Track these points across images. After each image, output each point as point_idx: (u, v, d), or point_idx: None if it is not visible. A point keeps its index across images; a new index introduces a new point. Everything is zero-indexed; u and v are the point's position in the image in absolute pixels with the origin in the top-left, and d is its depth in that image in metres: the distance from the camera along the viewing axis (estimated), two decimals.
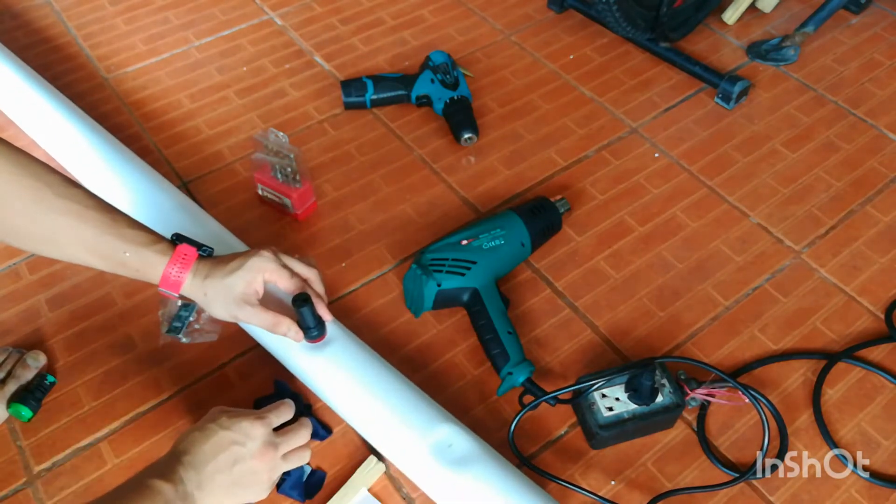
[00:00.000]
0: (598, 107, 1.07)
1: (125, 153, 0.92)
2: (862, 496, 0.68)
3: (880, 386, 0.76)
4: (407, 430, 0.67)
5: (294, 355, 0.72)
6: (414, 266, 0.80)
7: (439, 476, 0.64)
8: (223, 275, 0.66)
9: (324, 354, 0.71)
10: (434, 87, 1.03)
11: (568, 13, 1.22)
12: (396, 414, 0.67)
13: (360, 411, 0.69)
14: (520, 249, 0.83)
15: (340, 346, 0.72)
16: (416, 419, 0.67)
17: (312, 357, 0.71)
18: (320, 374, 0.71)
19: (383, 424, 0.68)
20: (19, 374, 0.74)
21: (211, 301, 0.67)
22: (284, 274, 0.68)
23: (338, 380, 0.70)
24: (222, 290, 0.66)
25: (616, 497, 0.68)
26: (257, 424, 0.62)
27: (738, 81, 1.03)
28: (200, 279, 0.67)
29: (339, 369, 0.71)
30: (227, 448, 0.60)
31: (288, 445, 0.65)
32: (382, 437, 0.68)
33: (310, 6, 1.25)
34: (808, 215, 0.92)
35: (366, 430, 0.70)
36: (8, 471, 0.71)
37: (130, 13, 1.23)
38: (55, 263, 0.87)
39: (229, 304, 0.67)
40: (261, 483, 0.62)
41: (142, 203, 0.84)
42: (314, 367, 0.71)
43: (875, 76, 1.10)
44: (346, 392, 0.70)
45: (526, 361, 0.74)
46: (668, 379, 0.70)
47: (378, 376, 0.70)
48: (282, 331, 0.68)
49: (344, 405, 0.70)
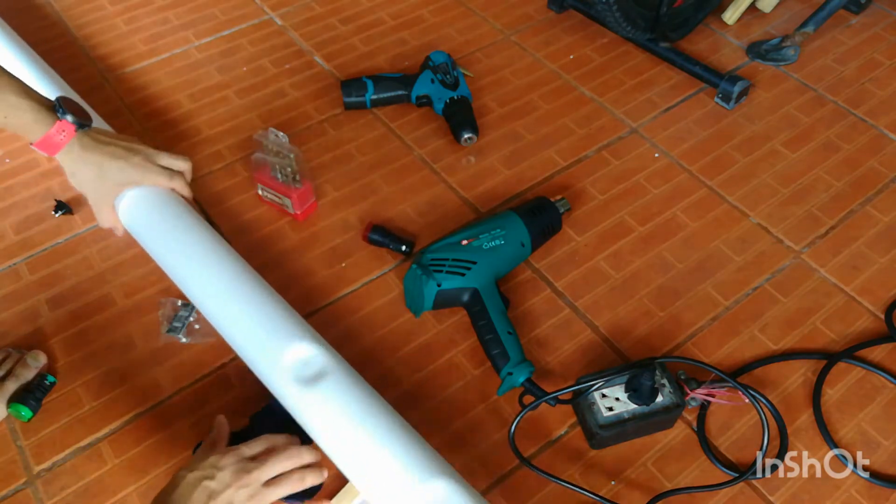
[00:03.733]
0: (598, 107, 1.07)
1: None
2: (862, 496, 0.68)
3: (880, 386, 0.76)
4: (399, 479, 0.61)
5: (281, 388, 0.67)
6: (414, 266, 0.80)
7: None
8: (99, 170, 0.77)
9: (316, 391, 0.65)
10: (434, 87, 1.03)
11: (568, 13, 1.22)
12: (387, 464, 0.62)
13: (347, 459, 0.64)
14: (520, 249, 0.83)
15: (333, 383, 0.66)
16: (410, 467, 0.61)
17: (302, 394, 0.66)
18: (309, 412, 0.66)
19: (372, 475, 0.62)
20: (19, 373, 0.74)
21: (81, 181, 0.78)
22: (163, 177, 0.79)
23: (326, 422, 0.65)
24: (96, 183, 0.78)
25: (616, 497, 0.68)
26: (225, 456, 0.61)
27: (738, 81, 1.03)
28: (71, 154, 0.76)
29: (329, 409, 0.65)
30: (197, 486, 0.58)
31: (268, 471, 0.61)
32: (370, 485, 0.63)
33: (310, 6, 1.25)
34: (808, 215, 0.92)
35: (354, 477, 0.64)
36: (8, 471, 0.71)
37: (130, 13, 1.23)
38: (55, 263, 0.87)
39: (98, 195, 0.79)
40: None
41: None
42: (303, 405, 0.66)
43: (875, 76, 1.10)
44: (334, 437, 0.64)
45: (526, 362, 0.74)
46: (668, 379, 0.70)
47: (370, 419, 0.64)
48: (115, 230, 0.83)
49: (332, 449, 0.65)
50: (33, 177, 0.97)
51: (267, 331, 0.69)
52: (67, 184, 0.96)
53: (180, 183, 0.81)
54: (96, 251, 0.89)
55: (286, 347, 0.67)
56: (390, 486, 0.61)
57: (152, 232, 0.80)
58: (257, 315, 0.70)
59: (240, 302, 0.72)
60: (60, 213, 0.92)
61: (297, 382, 0.65)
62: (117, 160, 0.77)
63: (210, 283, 0.74)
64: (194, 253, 0.76)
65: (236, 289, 0.73)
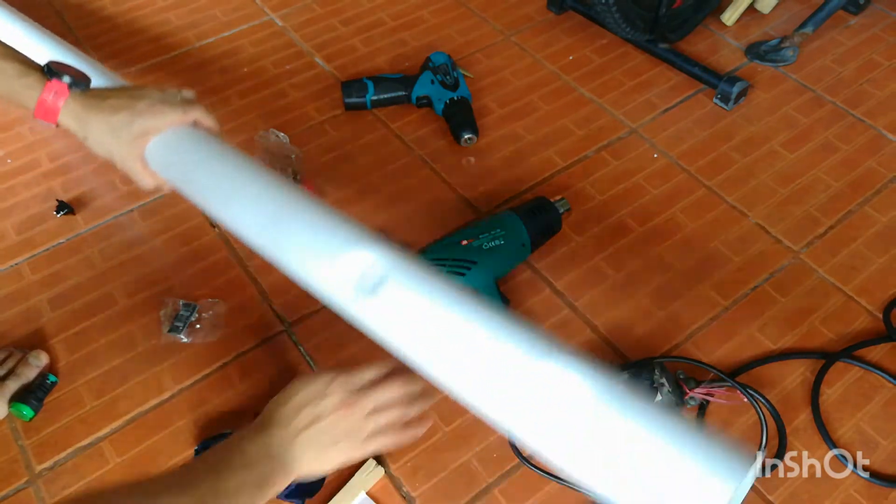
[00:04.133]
0: (598, 107, 1.07)
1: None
2: (861, 496, 0.68)
3: (879, 385, 0.76)
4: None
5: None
6: None
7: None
8: (108, 127, 0.68)
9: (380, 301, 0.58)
10: (434, 88, 1.03)
11: (567, 14, 1.22)
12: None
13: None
14: (520, 250, 0.84)
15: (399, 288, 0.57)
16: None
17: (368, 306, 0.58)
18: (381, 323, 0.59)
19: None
20: (21, 373, 0.75)
21: (95, 145, 0.70)
22: (177, 113, 0.71)
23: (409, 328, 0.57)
24: (112, 143, 0.69)
25: None
26: (335, 381, 0.60)
27: (737, 82, 1.03)
28: (74, 116, 0.68)
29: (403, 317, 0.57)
30: (303, 408, 0.59)
31: (372, 400, 0.60)
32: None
33: (310, 7, 1.25)
34: (806, 215, 0.92)
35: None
36: (9, 470, 0.71)
37: (132, 14, 1.24)
38: (56, 263, 0.88)
39: (120, 155, 0.70)
40: (349, 439, 0.59)
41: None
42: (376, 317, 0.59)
43: (874, 77, 1.11)
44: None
45: None
46: (668, 378, 0.70)
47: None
48: (155, 187, 0.74)
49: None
50: (35, 177, 0.98)
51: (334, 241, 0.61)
52: (69, 184, 0.97)
53: (199, 112, 0.73)
54: (97, 251, 0.89)
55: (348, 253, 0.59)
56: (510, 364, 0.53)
57: (190, 173, 0.72)
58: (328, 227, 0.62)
59: (306, 217, 0.63)
60: (62, 214, 0.92)
61: (363, 292, 0.58)
62: (123, 112, 0.69)
63: (264, 206, 0.66)
64: (240, 178, 0.68)
65: (295, 207, 0.65)
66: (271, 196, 0.66)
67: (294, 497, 0.68)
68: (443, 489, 0.70)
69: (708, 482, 0.44)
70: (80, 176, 0.97)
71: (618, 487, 0.47)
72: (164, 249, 0.89)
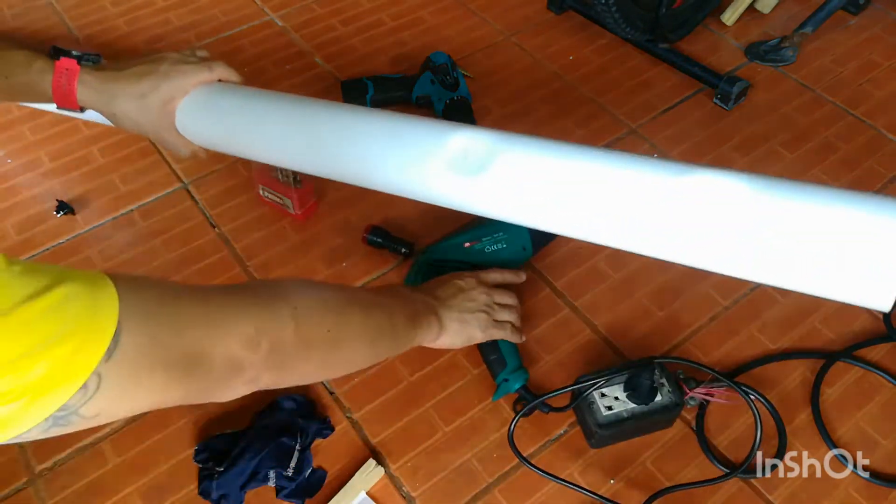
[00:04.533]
0: (598, 107, 1.07)
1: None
2: (861, 495, 0.68)
3: (879, 385, 0.76)
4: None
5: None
6: (415, 267, 0.80)
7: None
8: (135, 99, 0.66)
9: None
10: (434, 88, 1.03)
11: (567, 14, 1.22)
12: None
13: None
14: (521, 254, 0.84)
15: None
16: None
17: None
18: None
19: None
20: None
21: (124, 120, 0.67)
22: (202, 71, 0.69)
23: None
24: (142, 114, 0.67)
25: (615, 496, 0.68)
26: (472, 275, 0.75)
27: (737, 82, 1.03)
28: (94, 91, 0.65)
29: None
30: (453, 283, 0.73)
31: (497, 296, 0.75)
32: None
33: (310, 7, 1.25)
34: None
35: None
36: (9, 470, 0.71)
37: (132, 14, 1.24)
38: (56, 263, 0.87)
39: (153, 126, 0.68)
40: (483, 317, 0.71)
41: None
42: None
43: (873, 77, 1.11)
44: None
45: (522, 369, 0.74)
46: (668, 378, 0.70)
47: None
48: (190, 153, 0.74)
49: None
50: (35, 177, 0.98)
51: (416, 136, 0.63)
52: (69, 184, 0.97)
53: (222, 68, 0.72)
54: (98, 251, 0.89)
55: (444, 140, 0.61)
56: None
57: (239, 126, 0.69)
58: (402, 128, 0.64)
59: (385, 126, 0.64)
60: (62, 214, 0.92)
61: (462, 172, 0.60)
62: (147, 78, 0.66)
63: (331, 130, 0.66)
64: (294, 113, 0.67)
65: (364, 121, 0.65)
66: (344, 117, 0.65)
67: (294, 497, 0.68)
68: (443, 489, 0.70)
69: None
70: (80, 176, 0.97)
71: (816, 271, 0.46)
72: (164, 249, 0.89)
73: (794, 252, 0.46)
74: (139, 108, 0.66)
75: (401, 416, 0.74)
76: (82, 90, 0.65)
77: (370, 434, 0.73)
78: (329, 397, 0.76)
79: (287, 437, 0.69)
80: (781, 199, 0.47)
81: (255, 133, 0.68)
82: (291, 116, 0.67)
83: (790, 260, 0.47)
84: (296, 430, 0.70)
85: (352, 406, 0.75)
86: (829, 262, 0.46)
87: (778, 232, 0.47)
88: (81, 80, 0.65)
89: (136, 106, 0.66)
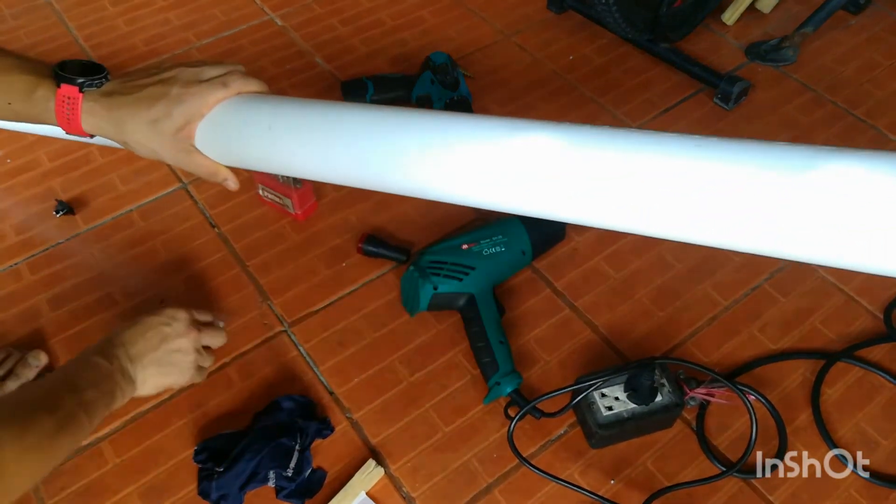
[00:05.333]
0: (598, 107, 1.07)
1: None
2: (861, 496, 0.68)
3: (879, 385, 0.76)
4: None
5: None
6: (412, 267, 0.80)
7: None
8: (147, 126, 0.59)
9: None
10: (434, 88, 1.03)
11: (567, 14, 1.22)
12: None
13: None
14: (520, 257, 0.83)
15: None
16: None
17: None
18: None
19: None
20: (20, 373, 0.74)
21: (138, 147, 0.61)
22: (217, 90, 0.61)
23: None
24: (156, 141, 0.60)
25: (615, 496, 0.68)
26: (181, 309, 0.70)
27: (738, 82, 1.03)
28: (101, 119, 0.59)
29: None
30: (155, 327, 0.67)
31: (205, 336, 0.72)
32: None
33: (310, 7, 1.25)
34: None
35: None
36: None
37: (131, 14, 1.24)
38: (56, 263, 0.88)
39: (171, 153, 0.61)
40: (186, 362, 0.69)
41: None
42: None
43: (874, 77, 1.11)
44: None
45: (515, 373, 0.74)
46: (668, 378, 0.70)
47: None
48: (220, 178, 0.66)
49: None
50: (34, 177, 0.97)
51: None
52: (69, 184, 0.97)
53: (239, 82, 0.62)
54: (97, 251, 0.89)
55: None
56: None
57: (267, 142, 0.61)
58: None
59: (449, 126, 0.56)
60: (62, 214, 0.92)
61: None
62: (158, 103, 0.59)
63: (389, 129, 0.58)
64: (343, 120, 0.59)
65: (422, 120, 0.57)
66: (392, 121, 0.57)
67: (294, 497, 0.68)
68: (443, 489, 0.70)
69: None
70: (80, 176, 0.97)
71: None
72: (163, 250, 0.89)
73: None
74: (152, 136, 0.60)
75: (401, 417, 0.74)
76: (88, 119, 0.59)
77: (370, 434, 0.73)
78: (329, 397, 0.76)
79: (287, 438, 0.69)
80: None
81: (285, 154, 0.62)
82: (339, 127, 0.59)
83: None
84: (296, 431, 0.70)
85: (352, 406, 0.75)
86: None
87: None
88: (85, 108, 0.59)
89: (149, 133, 0.59)
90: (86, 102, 0.59)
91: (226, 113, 0.61)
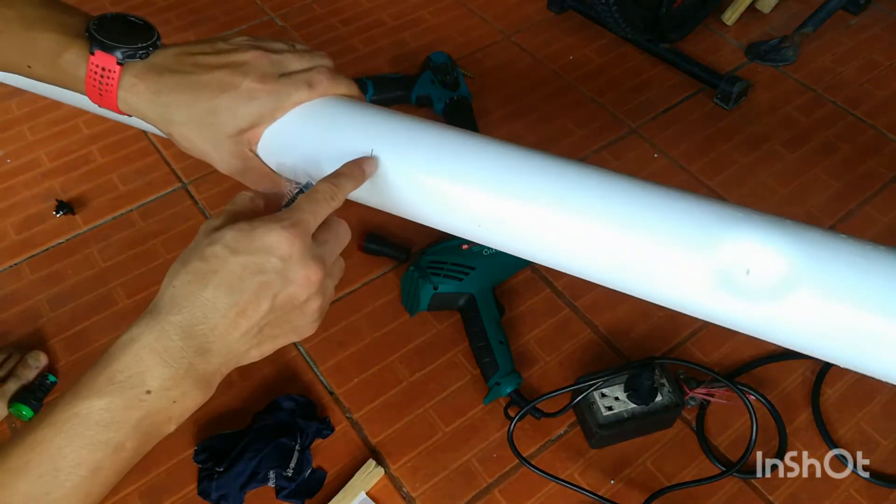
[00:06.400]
0: (598, 107, 1.07)
1: None
2: (861, 496, 0.68)
3: (879, 386, 0.75)
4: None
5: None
6: (412, 268, 0.80)
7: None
8: (200, 119, 0.45)
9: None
10: (434, 88, 1.03)
11: (568, 14, 1.22)
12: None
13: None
14: (520, 257, 0.83)
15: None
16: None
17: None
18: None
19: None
20: (20, 373, 0.74)
21: (182, 141, 0.47)
22: (301, 90, 0.47)
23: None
24: (208, 141, 0.46)
25: (615, 496, 0.68)
26: (288, 235, 0.40)
27: (737, 82, 1.03)
28: (144, 102, 0.45)
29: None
30: (244, 286, 0.38)
31: (333, 252, 0.44)
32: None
33: (310, 7, 1.25)
34: (807, 215, 0.92)
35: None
36: None
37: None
38: (56, 263, 0.88)
39: (225, 155, 0.48)
40: (307, 320, 0.44)
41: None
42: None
43: (874, 77, 1.11)
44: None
45: (515, 373, 0.74)
46: (668, 378, 0.70)
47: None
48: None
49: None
50: (34, 176, 0.97)
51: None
52: (69, 184, 0.97)
53: (328, 82, 0.48)
54: (97, 251, 0.89)
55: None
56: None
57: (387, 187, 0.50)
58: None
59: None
60: (62, 213, 0.92)
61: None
62: (219, 95, 0.45)
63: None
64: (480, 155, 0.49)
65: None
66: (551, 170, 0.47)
67: (294, 497, 0.68)
68: (443, 489, 0.70)
69: None
70: (80, 176, 0.97)
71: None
72: (163, 249, 0.89)
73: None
74: (206, 133, 0.46)
75: (401, 417, 0.74)
76: (126, 97, 0.45)
77: (370, 434, 0.73)
78: (329, 397, 0.76)
79: (287, 438, 0.69)
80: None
81: (411, 195, 0.50)
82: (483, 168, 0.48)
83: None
84: (296, 431, 0.70)
85: (352, 406, 0.75)
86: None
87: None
88: (125, 84, 0.45)
89: (202, 130, 0.46)
90: (126, 77, 0.45)
91: (305, 121, 0.48)
